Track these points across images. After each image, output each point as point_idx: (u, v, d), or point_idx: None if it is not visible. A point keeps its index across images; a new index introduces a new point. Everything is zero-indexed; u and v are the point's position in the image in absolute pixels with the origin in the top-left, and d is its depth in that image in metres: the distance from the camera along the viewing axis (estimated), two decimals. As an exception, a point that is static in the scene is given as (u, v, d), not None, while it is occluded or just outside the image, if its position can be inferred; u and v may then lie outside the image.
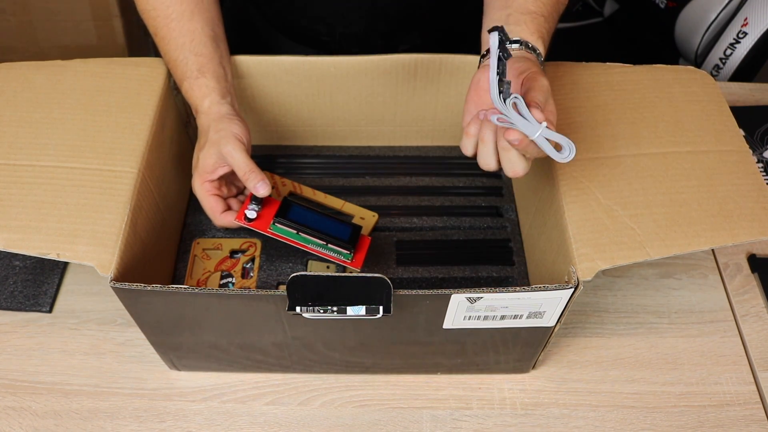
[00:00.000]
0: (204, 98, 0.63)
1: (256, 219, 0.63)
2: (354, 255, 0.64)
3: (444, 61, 0.70)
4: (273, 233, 0.63)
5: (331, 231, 0.63)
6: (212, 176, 0.62)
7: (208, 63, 0.63)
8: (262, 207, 0.64)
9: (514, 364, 0.64)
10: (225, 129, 0.61)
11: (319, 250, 0.63)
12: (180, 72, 0.63)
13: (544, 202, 0.62)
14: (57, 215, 0.54)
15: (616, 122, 0.62)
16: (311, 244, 0.63)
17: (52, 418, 0.62)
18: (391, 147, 0.81)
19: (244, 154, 0.60)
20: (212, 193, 0.63)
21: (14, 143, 0.59)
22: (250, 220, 0.63)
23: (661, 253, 0.53)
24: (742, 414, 0.63)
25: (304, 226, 0.62)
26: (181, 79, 0.64)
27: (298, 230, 0.63)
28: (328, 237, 0.62)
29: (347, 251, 0.63)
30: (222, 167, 0.62)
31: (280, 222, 0.62)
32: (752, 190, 0.57)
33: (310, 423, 0.62)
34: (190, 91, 0.63)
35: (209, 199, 0.62)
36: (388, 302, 0.50)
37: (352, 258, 0.63)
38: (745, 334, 0.69)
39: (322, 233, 0.62)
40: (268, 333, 0.57)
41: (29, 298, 0.69)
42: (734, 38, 1.09)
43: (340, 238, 0.62)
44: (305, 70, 0.71)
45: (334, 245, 0.62)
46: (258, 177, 0.60)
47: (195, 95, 0.63)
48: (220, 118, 0.62)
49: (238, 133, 0.61)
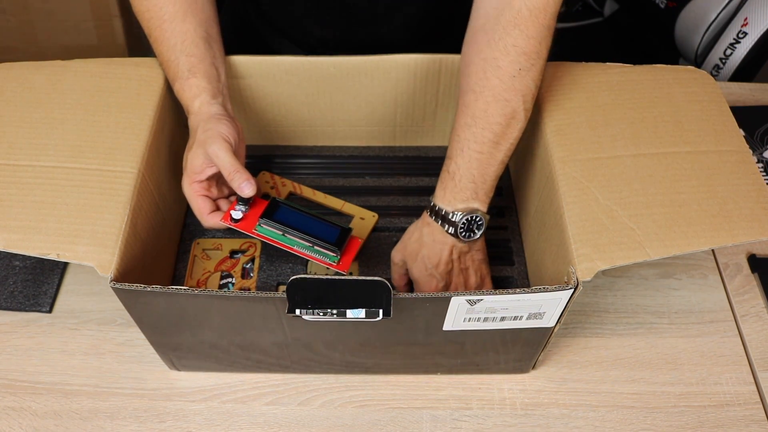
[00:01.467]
0: (194, 98, 0.62)
1: (242, 220, 0.62)
2: (341, 257, 0.61)
3: (444, 61, 0.70)
4: (258, 234, 0.62)
5: (318, 233, 0.61)
6: (200, 177, 0.61)
7: (199, 63, 0.63)
8: (250, 208, 0.62)
9: (514, 365, 0.64)
10: (212, 129, 0.60)
11: (305, 252, 0.61)
12: (172, 72, 0.63)
13: (544, 202, 0.62)
14: (57, 215, 0.54)
15: (616, 122, 0.61)
16: (297, 245, 0.61)
17: (52, 418, 0.62)
18: (391, 147, 0.81)
19: (230, 153, 0.59)
20: (200, 193, 0.62)
21: (14, 143, 0.59)
22: (236, 221, 0.62)
23: (661, 253, 0.53)
24: (742, 414, 0.63)
25: (290, 227, 0.61)
26: (173, 79, 0.64)
27: (283, 231, 0.61)
28: (314, 239, 0.61)
29: (333, 253, 0.61)
30: (210, 167, 0.61)
31: (266, 223, 0.61)
32: (752, 190, 0.57)
33: (310, 423, 0.62)
34: (181, 91, 0.63)
35: (197, 200, 0.62)
36: (387, 305, 0.50)
37: (338, 261, 0.61)
38: (745, 334, 0.69)
39: (308, 234, 0.61)
40: (268, 333, 0.57)
41: (29, 298, 0.69)
42: (734, 38, 1.08)
43: (326, 240, 0.61)
44: (305, 70, 0.71)
45: (320, 247, 0.61)
46: (243, 177, 0.59)
47: (186, 95, 0.63)
48: (209, 118, 0.61)
49: (225, 133, 0.60)
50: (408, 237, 0.65)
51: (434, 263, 0.63)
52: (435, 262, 0.63)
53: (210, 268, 0.69)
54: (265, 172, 0.77)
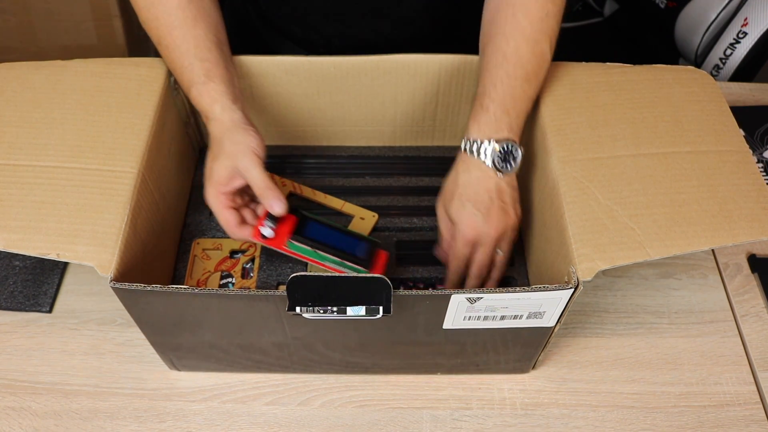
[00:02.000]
0: (214, 103, 0.62)
1: (272, 237, 0.62)
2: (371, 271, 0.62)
3: (444, 61, 0.70)
4: (289, 251, 0.62)
5: (348, 248, 0.62)
6: (227, 188, 0.60)
7: (215, 68, 0.62)
8: (278, 223, 0.63)
9: (514, 365, 0.64)
10: (242, 142, 0.59)
11: (336, 268, 0.62)
12: (187, 79, 0.63)
13: (545, 202, 0.62)
14: (57, 215, 0.54)
15: (616, 122, 0.62)
16: (328, 261, 0.62)
17: (52, 418, 0.62)
18: (391, 147, 0.81)
19: (261, 169, 0.59)
20: (227, 206, 0.61)
21: (14, 143, 0.59)
22: (265, 237, 0.62)
23: (661, 253, 0.53)
24: (742, 414, 0.63)
25: (321, 243, 0.62)
26: (189, 85, 0.63)
27: (314, 248, 0.62)
28: (344, 254, 0.62)
29: (363, 267, 0.62)
30: (237, 180, 0.60)
31: (297, 239, 0.62)
32: (752, 190, 0.57)
33: (310, 423, 0.62)
34: (199, 97, 0.62)
35: (224, 213, 0.61)
36: (388, 302, 0.50)
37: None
38: (745, 334, 0.69)
39: (338, 250, 0.62)
40: (268, 333, 0.57)
41: (29, 298, 0.69)
42: (734, 38, 1.08)
43: (356, 256, 0.62)
44: (305, 70, 0.71)
45: (350, 262, 0.62)
46: (274, 194, 0.59)
47: (204, 101, 0.62)
48: (235, 128, 0.60)
49: (255, 147, 0.59)
50: (444, 185, 0.64)
51: (473, 198, 0.61)
52: (473, 197, 0.61)
53: (210, 268, 0.69)
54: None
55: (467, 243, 0.61)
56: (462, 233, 0.61)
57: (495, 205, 0.61)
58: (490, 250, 0.62)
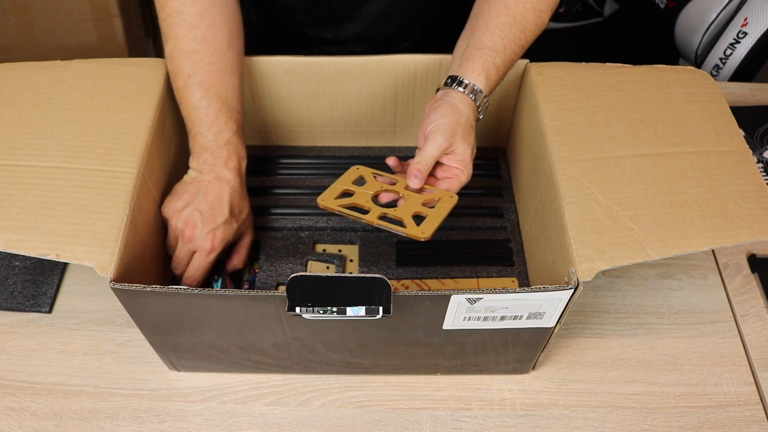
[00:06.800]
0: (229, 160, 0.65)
1: None
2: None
3: (444, 61, 0.70)
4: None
5: None
6: (220, 249, 0.64)
7: (242, 119, 0.67)
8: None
9: (514, 365, 0.64)
10: (247, 219, 0.67)
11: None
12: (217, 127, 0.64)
13: (544, 202, 0.62)
14: (57, 215, 0.54)
15: (616, 122, 0.61)
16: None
17: (52, 418, 0.62)
18: (391, 147, 0.81)
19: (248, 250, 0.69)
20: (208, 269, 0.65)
21: (14, 143, 0.59)
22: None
23: (661, 253, 0.53)
24: (742, 415, 0.63)
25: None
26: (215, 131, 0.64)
27: None
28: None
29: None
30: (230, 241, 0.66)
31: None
32: (752, 190, 0.57)
33: (309, 423, 0.62)
34: (218, 148, 0.64)
35: (205, 274, 0.65)
36: (387, 303, 0.50)
37: None
38: (745, 335, 0.69)
39: None
40: (268, 333, 0.57)
41: (29, 299, 0.69)
42: (734, 38, 1.08)
43: None
44: (305, 70, 0.71)
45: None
46: None
47: (222, 154, 0.64)
48: (243, 196, 0.66)
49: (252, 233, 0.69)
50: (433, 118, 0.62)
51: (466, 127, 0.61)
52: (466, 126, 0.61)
53: (210, 268, 0.69)
54: (360, 166, 0.70)
55: None
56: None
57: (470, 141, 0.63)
58: None
